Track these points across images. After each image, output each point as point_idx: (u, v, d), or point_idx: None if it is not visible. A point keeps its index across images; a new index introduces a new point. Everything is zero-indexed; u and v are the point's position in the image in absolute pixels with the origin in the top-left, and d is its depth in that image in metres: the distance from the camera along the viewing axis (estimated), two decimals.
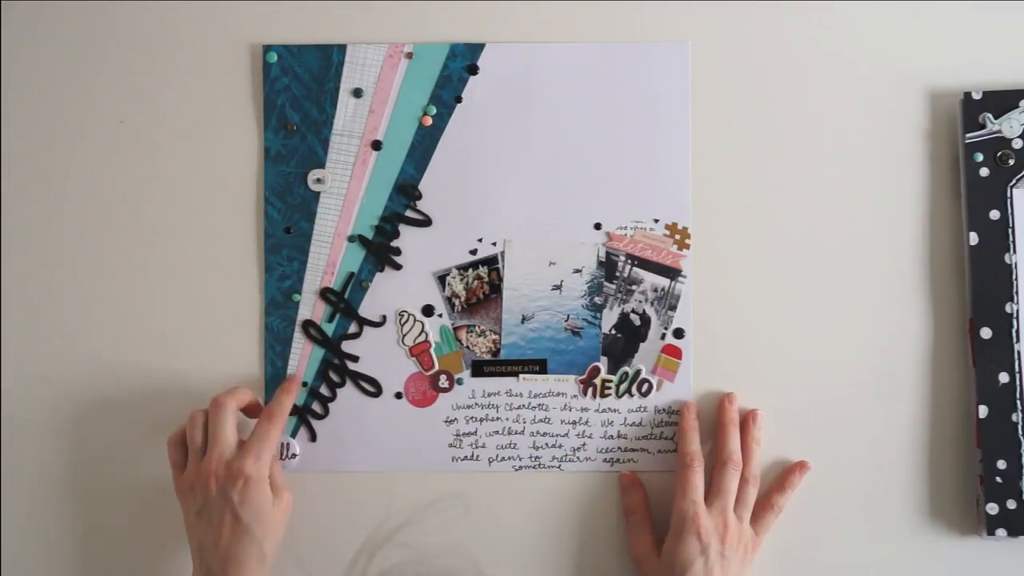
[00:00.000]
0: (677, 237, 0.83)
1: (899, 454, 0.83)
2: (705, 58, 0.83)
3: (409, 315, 0.83)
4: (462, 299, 0.83)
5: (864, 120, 0.83)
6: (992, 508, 0.80)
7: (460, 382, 0.84)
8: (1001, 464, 0.80)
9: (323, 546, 0.83)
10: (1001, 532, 0.80)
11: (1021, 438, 0.81)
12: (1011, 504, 0.80)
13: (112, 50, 0.84)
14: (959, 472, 0.83)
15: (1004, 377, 0.81)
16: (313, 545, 0.83)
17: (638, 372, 0.83)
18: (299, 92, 0.83)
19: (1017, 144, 0.81)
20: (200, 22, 0.83)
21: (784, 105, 0.83)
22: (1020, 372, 0.81)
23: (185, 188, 0.83)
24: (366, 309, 0.83)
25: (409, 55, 0.83)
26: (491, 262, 0.83)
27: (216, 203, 0.83)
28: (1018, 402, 0.81)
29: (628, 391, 0.83)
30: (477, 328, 0.83)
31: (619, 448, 0.83)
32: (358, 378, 0.83)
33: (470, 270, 0.83)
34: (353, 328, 0.83)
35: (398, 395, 0.83)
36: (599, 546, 0.84)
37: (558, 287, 0.83)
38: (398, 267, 0.83)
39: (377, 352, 0.83)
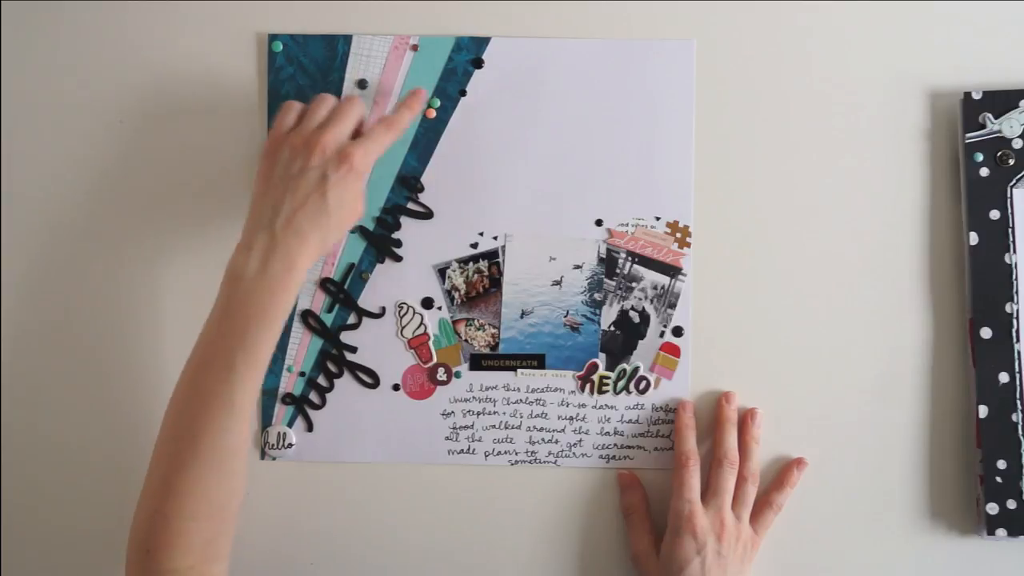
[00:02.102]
0: (678, 235, 0.83)
1: (899, 454, 0.83)
2: (709, 57, 0.83)
3: (408, 307, 0.83)
4: (462, 292, 0.83)
5: (864, 120, 0.84)
6: (992, 508, 0.80)
7: (458, 375, 0.83)
8: (1001, 464, 0.80)
9: (321, 537, 0.83)
10: (1001, 532, 0.80)
11: (1021, 438, 0.80)
12: (1011, 504, 0.80)
13: (116, 40, 0.84)
14: (959, 472, 0.82)
15: (1004, 377, 0.81)
16: (311, 536, 0.83)
17: (636, 369, 0.83)
18: (304, 82, 0.83)
19: (1017, 144, 0.81)
20: (206, 11, 0.84)
21: (785, 105, 0.84)
22: (1020, 372, 0.81)
23: (189, 177, 0.84)
24: (365, 300, 0.83)
25: (414, 47, 0.83)
26: (492, 256, 0.83)
27: (219, 192, 0.84)
28: (1018, 402, 0.80)
29: (626, 388, 0.83)
30: (476, 322, 0.83)
31: (615, 445, 0.83)
32: (356, 369, 0.83)
33: (470, 264, 0.83)
34: (352, 319, 0.83)
35: (395, 387, 0.83)
36: (595, 543, 0.83)
37: (558, 283, 0.83)
38: (398, 259, 0.83)
39: (375, 344, 0.83)
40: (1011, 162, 0.81)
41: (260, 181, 0.76)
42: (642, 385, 0.83)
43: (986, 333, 0.81)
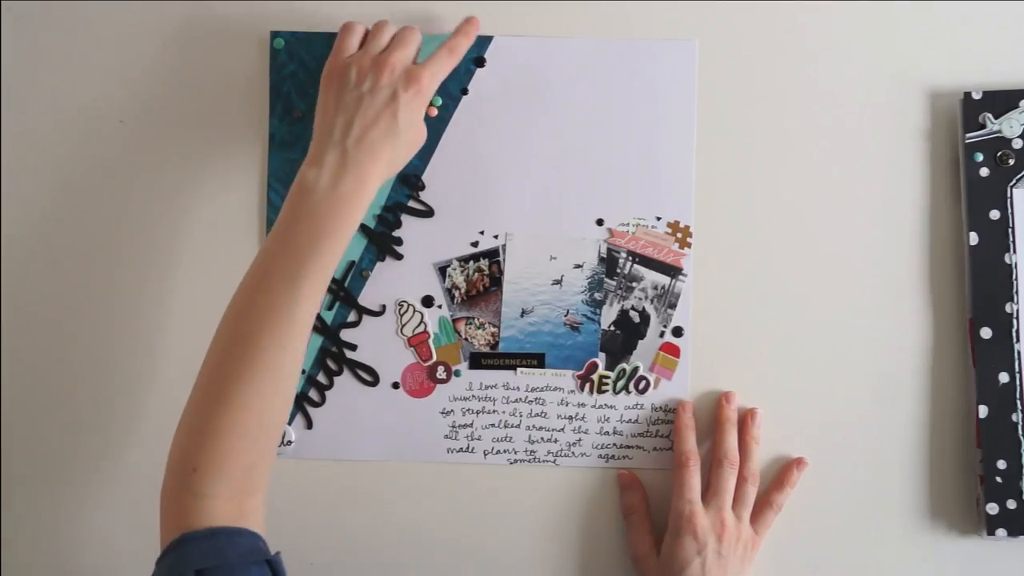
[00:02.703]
0: (679, 235, 0.83)
1: (899, 454, 0.83)
2: (711, 57, 0.83)
3: (409, 305, 0.83)
4: (462, 291, 0.83)
5: (864, 120, 0.84)
6: (992, 508, 0.80)
7: (458, 374, 0.83)
8: (1001, 464, 0.80)
9: (319, 534, 0.83)
10: (1001, 532, 0.80)
11: (1021, 438, 0.80)
12: (1011, 504, 0.80)
13: (117, 39, 0.84)
14: (959, 472, 0.82)
15: (1004, 377, 0.81)
16: (309, 533, 0.83)
17: (636, 369, 0.83)
18: (305, 79, 0.83)
19: (1017, 144, 0.81)
20: (207, 9, 0.84)
21: (786, 105, 0.84)
22: (1020, 372, 0.81)
23: (189, 174, 0.84)
24: (366, 298, 0.83)
25: None
26: (492, 255, 0.84)
27: (220, 189, 0.84)
28: (1018, 402, 0.80)
29: (625, 388, 0.83)
30: (476, 320, 0.83)
31: (614, 445, 0.83)
32: (356, 367, 0.83)
33: (471, 262, 0.83)
34: (352, 317, 0.83)
35: (395, 385, 0.83)
36: (595, 542, 0.83)
37: (558, 282, 0.83)
38: (399, 257, 0.83)
39: (375, 341, 0.83)
40: (1011, 162, 0.81)
41: (327, 100, 0.76)
42: (642, 385, 0.83)
43: (986, 333, 0.81)
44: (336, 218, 0.72)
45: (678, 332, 0.83)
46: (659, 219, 0.83)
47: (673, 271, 0.83)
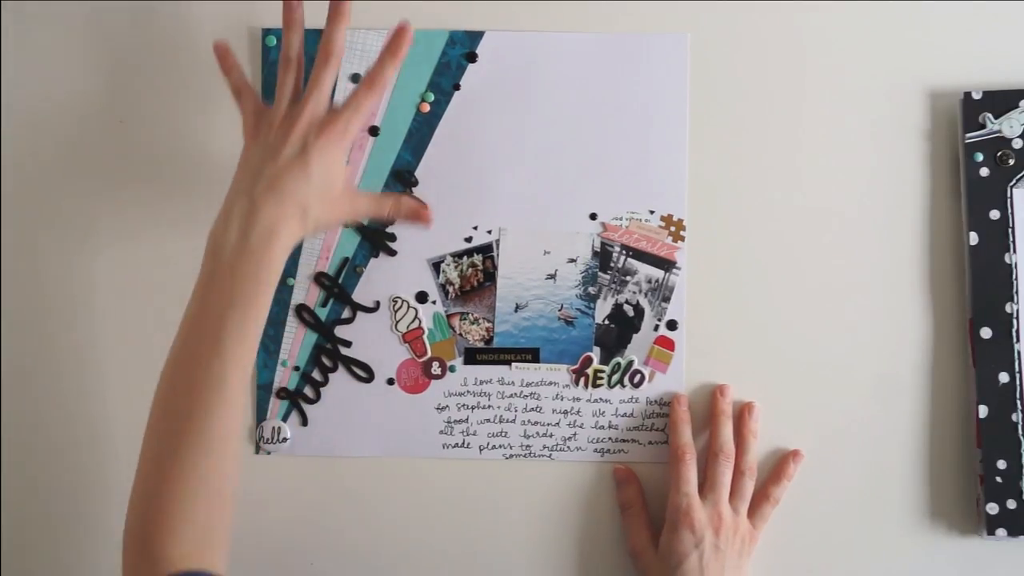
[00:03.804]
0: (672, 229, 0.83)
1: (899, 454, 0.82)
2: (704, 51, 0.83)
3: (403, 301, 0.84)
4: (456, 286, 0.84)
5: (864, 120, 0.83)
6: (992, 508, 0.79)
7: (452, 369, 0.83)
8: (1001, 464, 0.79)
9: (315, 531, 0.83)
10: (1001, 532, 0.79)
11: (1021, 438, 0.79)
12: (1011, 504, 0.79)
13: (112, 38, 0.84)
14: (959, 472, 0.81)
15: (1004, 377, 0.80)
16: (305, 530, 0.83)
17: (630, 363, 0.83)
18: None
19: (1017, 144, 0.81)
20: (200, 7, 0.84)
21: (783, 104, 0.83)
22: (1020, 372, 0.80)
23: (182, 171, 0.84)
24: (360, 294, 0.84)
25: None
26: (486, 250, 0.84)
27: (214, 187, 0.83)
28: (1018, 402, 0.79)
29: (620, 382, 0.83)
30: (471, 316, 0.83)
31: (610, 439, 0.83)
32: (350, 363, 0.83)
33: (465, 258, 0.84)
34: (346, 313, 0.84)
35: (390, 381, 0.83)
36: (592, 536, 0.83)
37: (552, 276, 0.83)
38: (393, 253, 0.84)
39: (370, 338, 0.83)
40: (1011, 162, 0.81)
41: (243, 154, 0.75)
42: (636, 379, 0.83)
43: (986, 333, 0.80)
44: (250, 275, 0.70)
45: (672, 325, 0.83)
46: (652, 212, 0.83)
47: (667, 264, 0.83)
